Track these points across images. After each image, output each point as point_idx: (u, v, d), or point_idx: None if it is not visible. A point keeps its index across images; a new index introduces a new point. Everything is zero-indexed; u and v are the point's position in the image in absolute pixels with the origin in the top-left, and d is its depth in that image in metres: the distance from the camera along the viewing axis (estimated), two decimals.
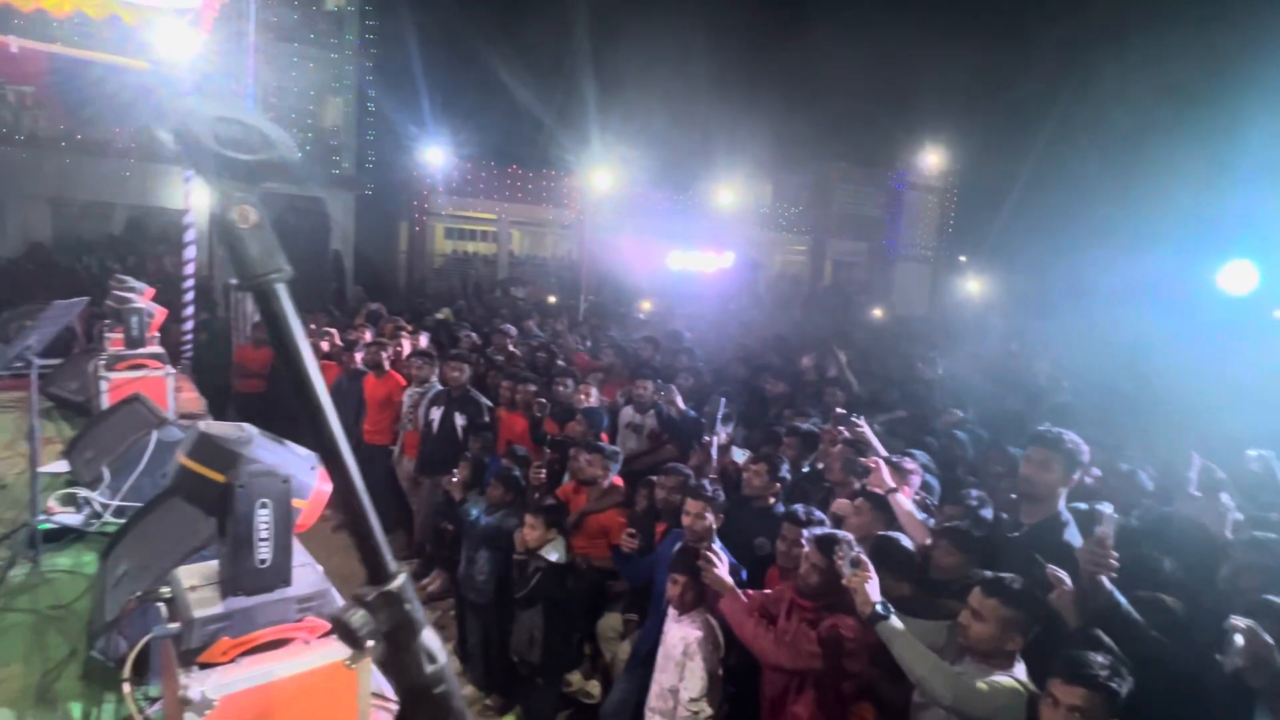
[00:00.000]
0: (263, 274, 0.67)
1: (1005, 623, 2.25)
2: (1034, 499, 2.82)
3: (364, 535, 0.71)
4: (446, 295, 16.30)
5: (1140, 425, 6.14)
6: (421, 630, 0.71)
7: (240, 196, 0.66)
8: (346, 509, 0.72)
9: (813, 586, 2.70)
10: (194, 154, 0.64)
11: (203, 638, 1.25)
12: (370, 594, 0.70)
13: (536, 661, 3.74)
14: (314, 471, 1.42)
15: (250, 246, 0.66)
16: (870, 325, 15.68)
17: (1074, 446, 2.75)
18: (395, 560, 0.72)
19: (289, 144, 0.70)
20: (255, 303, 0.69)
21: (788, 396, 5.93)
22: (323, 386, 0.70)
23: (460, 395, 5.42)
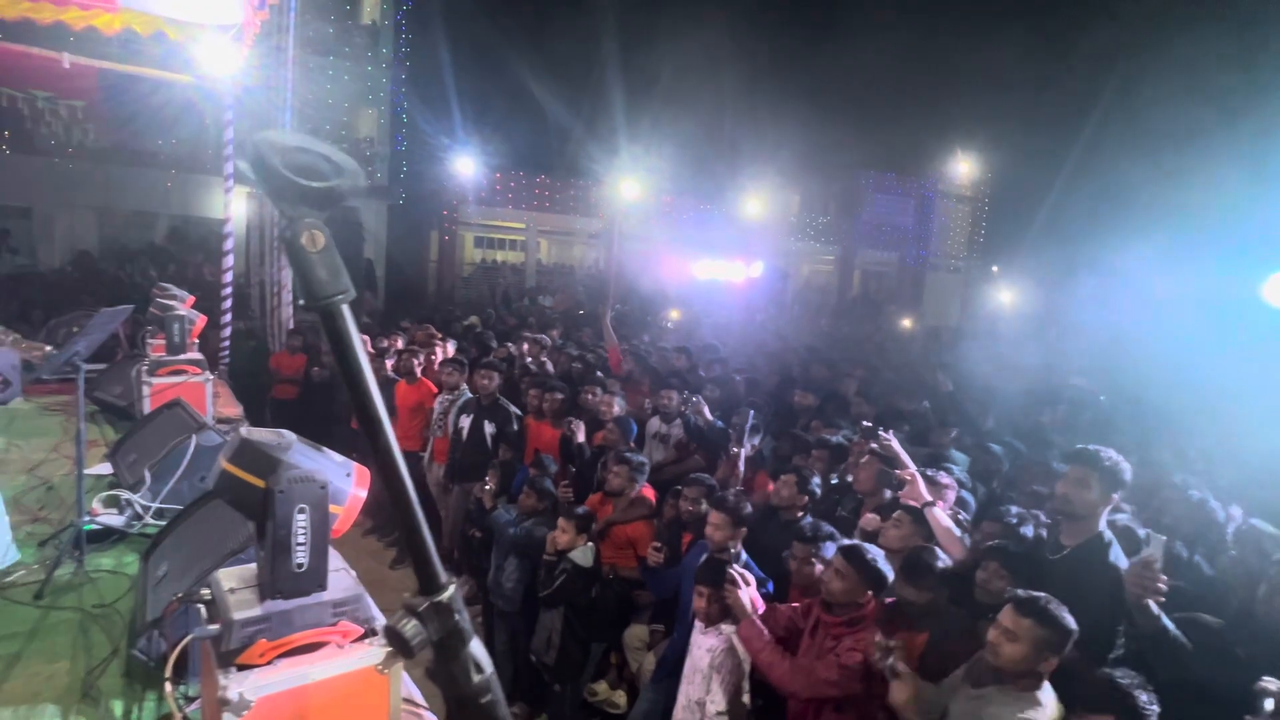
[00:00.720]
0: (329, 295, 0.70)
1: (1039, 643, 2.17)
2: (1073, 518, 2.74)
3: (417, 547, 0.73)
4: (475, 303, 16.49)
5: (1176, 441, 5.99)
6: (470, 640, 0.72)
7: (310, 221, 0.69)
8: (401, 522, 0.75)
9: (836, 595, 2.67)
10: (269, 181, 0.67)
11: (241, 639, 1.27)
12: (422, 604, 0.72)
13: (551, 664, 3.75)
14: (350, 478, 1.45)
15: (318, 269, 0.69)
16: (900, 336, 15.50)
17: (1113, 464, 2.65)
18: (446, 572, 0.73)
19: (357, 171, 0.72)
20: (321, 322, 0.71)
21: (816, 408, 5.89)
22: (381, 404, 0.72)
23: (490, 403, 5.47)
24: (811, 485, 3.65)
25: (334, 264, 0.70)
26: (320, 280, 0.69)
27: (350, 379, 0.72)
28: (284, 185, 0.67)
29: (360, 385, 0.72)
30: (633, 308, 16.52)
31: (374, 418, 0.72)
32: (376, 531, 6.45)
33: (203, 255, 15.09)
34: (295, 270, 0.69)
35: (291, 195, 0.67)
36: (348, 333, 0.71)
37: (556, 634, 3.73)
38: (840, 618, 2.66)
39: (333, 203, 0.70)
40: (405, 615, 0.70)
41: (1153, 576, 2.25)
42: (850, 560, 2.67)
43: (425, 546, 0.73)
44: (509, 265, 24.17)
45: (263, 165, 0.67)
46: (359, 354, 0.72)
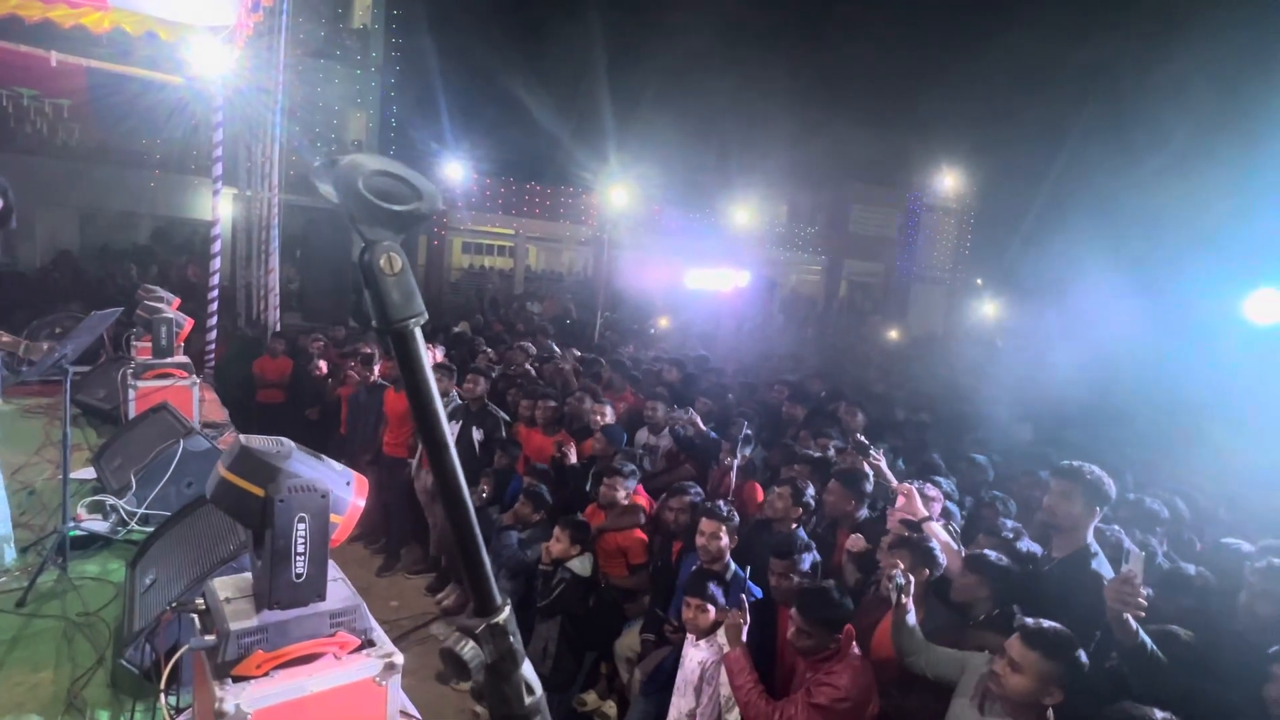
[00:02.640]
0: (403, 318, 0.70)
1: (1045, 676, 2.15)
2: (1059, 530, 2.79)
3: (474, 569, 0.73)
4: (463, 309, 16.42)
5: (1152, 455, 6.08)
6: (523, 662, 0.72)
7: (388, 245, 0.69)
8: (460, 544, 0.75)
9: (805, 652, 2.63)
10: (351, 204, 0.67)
11: (238, 650, 1.25)
12: (479, 626, 0.72)
13: (546, 674, 3.72)
14: (350, 487, 1.44)
15: (394, 292, 0.69)
16: (889, 348, 15.61)
17: (1096, 479, 2.72)
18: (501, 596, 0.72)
19: (435, 194, 0.73)
20: (392, 345, 0.71)
21: (804, 419, 5.90)
22: (447, 427, 0.72)
23: (478, 409, 5.44)
24: (806, 497, 3.65)
25: (409, 287, 0.70)
26: (395, 304, 0.69)
27: (419, 402, 0.72)
28: (366, 208, 0.68)
29: (429, 408, 0.72)
30: (621, 315, 16.53)
31: (440, 441, 0.72)
32: (363, 539, 6.38)
33: (187, 256, 14.93)
34: (371, 293, 0.69)
35: (372, 218, 0.67)
36: (419, 356, 0.71)
37: (553, 644, 3.70)
38: (814, 658, 2.63)
39: (411, 225, 0.70)
40: (462, 637, 0.69)
41: (1132, 591, 2.27)
42: (803, 614, 2.62)
43: (483, 569, 0.73)
44: (497, 271, 24.12)
45: (346, 188, 0.67)
46: (429, 377, 0.72)
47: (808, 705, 2.50)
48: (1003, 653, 2.26)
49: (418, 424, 0.72)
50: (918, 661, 2.56)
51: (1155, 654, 2.32)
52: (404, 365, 0.70)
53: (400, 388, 6.03)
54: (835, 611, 2.61)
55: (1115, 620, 2.31)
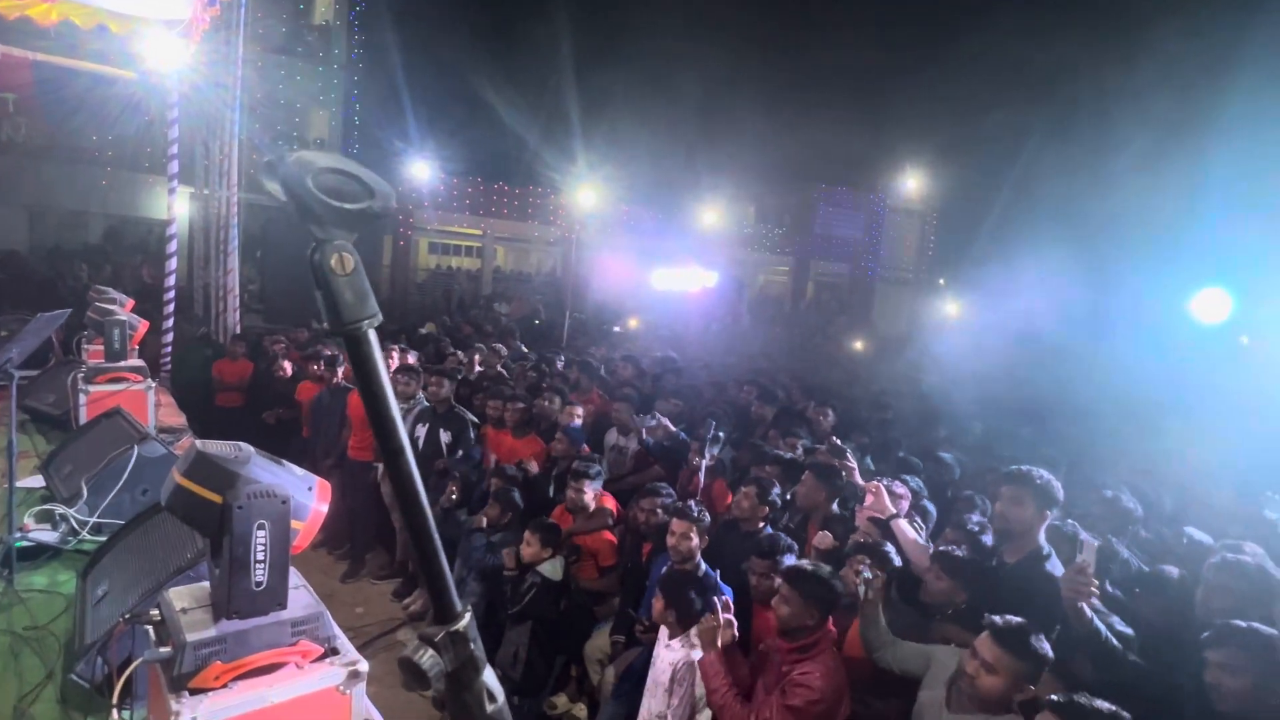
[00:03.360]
0: (356, 320, 0.68)
1: (1018, 675, 2.19)
2: (1011, 536, 2.86)
3: (434, 576, 0.72)
4: (430, 310, 16.23)
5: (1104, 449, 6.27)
6: (484, 669, 0.71)
7: (340, 244, 0.67)
8: (419, 550, 0.73)
9: (784, 620, 2.64)
10: (299, 202, 0.65)
11: (195, 662, 1.22)
12: (438, 634, 0.70)
13: (517, 678, 3.69)
14: (311, 492, 1.41)
15: (346, 293, 0.67)
16: (856, 349, 15.82)
17: (1045, 484, 2.80)
18: (461, 603, 0.71)
19: (389, 193, 0.71)
20: (345, 347, 0.69)
21: (773, 419, 5.94)
22: (404, 430, 0.71)
23: (445, 411, 5.38)
24: (772, 496, 3.68)
25: (362, 288, 0.68)
26: (348, 304, 0.67)
27: (374, 406, 0.70)
28: (315, 206, 0.65)
29: (384, 412, 0.70)
30: (590, 316, 16.49)
31: (395, 446, 0.70)
32: (326, 545, 6.26)
33: (141, 257, 14.48)
34: (322, 294, 0.67)
35: (322, 217, 0.65)
36: (373, 358, 0.69)
37: (523, 648, 3.67)
38: (793, 643, 2.63)
39: (364, 225, 0.68)
40: (421, 645, 0.68)
41: (1085, 581, 2.34)
42: (793, 583, 2.65)
43: (443, 575, 0.71)
44: (465, 272, 23.88)
45: (294, 185, 0.65)
46: (384, 380, 0.70)
47: (782, 707, 2.50)
48: (971, 650, 2.28)
49: (373, 428, 0.70)
50: (884, 656, 2.59)
51: (1109, 641, 2.39)
52: (358, 368, 0.69)
53: None
54: (823, 589, 2.62)
55: (1071, 609, 2.37)
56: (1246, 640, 2.20)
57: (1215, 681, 2.21)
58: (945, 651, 2.49)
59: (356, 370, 0.68)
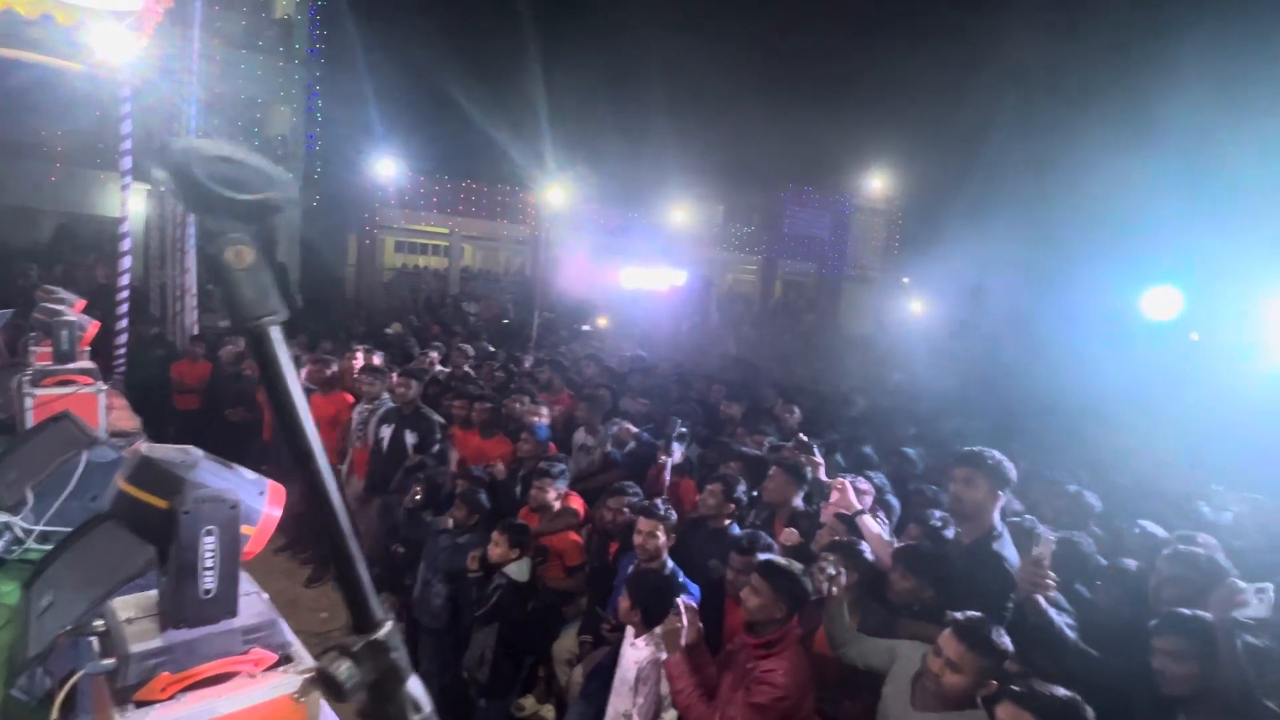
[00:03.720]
0: (257, 316, 0.65)
1: (982, 671, 2.22)
2: (965, 517, 2.90)
3: (352, 582, 0.69)
4: (396, 310, 16.01)
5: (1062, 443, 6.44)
6: (408, 678, 0.68)
7: (236, 237, 0.65)
8: (336, 556, 0.70)
9: (752, 612, 2.65)
10: (190, 193, 0.63)
11: (140, 674, 1.18)
12: (356, 643, 0.67)
13: (484, 680, 3.65)
14: (263, 496, 1.37)
15: (245, 288, 0.65)
16: (821, 344, 16.01)
17: (996, 464, 2.83)
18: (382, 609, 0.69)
19: (289, 183, 0.68)
20: (248, 345, 0.66)
21: (742, 417, 5.98)
22: (314, 431, 0.68)
23: (411, 412, 5.31)
24: (737, 493, 3.70)
25: (262, 282, 0.65)
26: (247, 300, 0.65)
27: (281, 407, 0.67)
28: (207, 197, 0.63)
29: (291, 412, 0.67)
30: (560, 315, 16.42)
31: (306, 450, 0.68)
32: (289, 549, 6.14)
33: (95, 255, 14.01)
34: (220, 289, 0.65)
35: (216, 208, 0.63)
36: (277, 356, 0.66)
37: (490, 650, 3.63)
38: (760, 639, 2.64)
39: (262, 216, 0.66)
40: (338, 656, 0.65)
41: (1041, 573, 2.39)
42: (765, 576, 2.66)
43: (361, 582, 0.69)
44: (432, 271, 23.60)
45: (183, 175, 0.62)
46: (290, 379, 0.67)
47: (746, 705, 2.51)
48: (935, 648, 2.31)
49: (280, 430, 0.68)
50: (849, 652, 2.62)
51: (1063, 632, 2.45)
52: (261, 366, 0.66)
53: (328, 391, 5.84)
54: (793, 584, 2.63)
55: (1027, 602, 2.43)
56: (1190, 628, 2.27)
57: (1161, 668, 2.28)
58: (909, 646, 2.52)
59: (262, 369, 0.66)
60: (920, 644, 2.48)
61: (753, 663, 2.61)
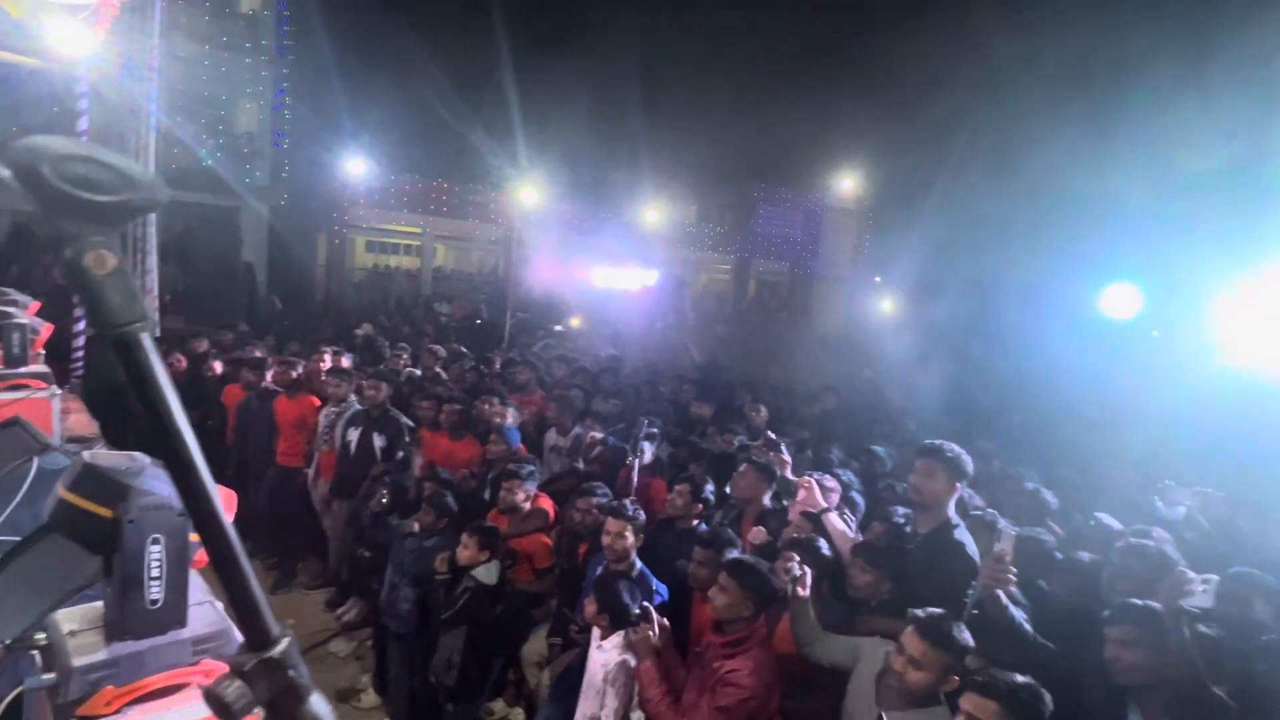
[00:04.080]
0: (124, 324, 0.62)
1: (944, 667, 2.25)
2: (924, 508, 2.97)
3: (242, 598, 0.66)
4: (368, 310, 15.81)
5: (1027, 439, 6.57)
6: (308, 697, 0.66)
7: (97, 240, 0.61)
8: (222, 571, 0.67)
9: (720, 611, 2.66)
10: (38, 194, 0.59)
11: (83, 688, 1.15)
12: (249, 662, 0.64)
13: (451, 684, 3.63)
14: None
15: (109, 294, 0.61)
16: (794, 343, 16.15)
17: (955, 456, 2.91)
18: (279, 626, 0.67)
19: (154, 183, 0.65)
20: (115, 355, 0.62)
21: (711, 417, 6.01)
22: (194, 442, 0.65)
23: (379, 415, 5.25)
24: (705, 493, 3.72)
25: (128, 288, 0.62)
26: (112, 306, 0.61)
27: (156, 418, 0.63)
28: (57, 199, 0.59)
29: (168, 425, 0.64)
30: (533, 315, 16.35)
31: (185, 461, 0.64)
32: (255, 554, 6.03)
33: (52, 256, 13.61)
34: (82, 297, 0.61)
35: (69, 210, 0.60)
36: (150, 367, 0.63)
37: (458, 654, 3.59)
38: (727, 637, 2.65)
39: (125, 219, 0.63)
40: (228, 677, 0.64)
41: (1003, 569, 2.44)
42: (733, 575, 2.67)
43: (251, 597, 0.66)
44: (403, 271, 23.36)
45: (29, 175, 0.58)
46: (164, 391, 0.64)
47: (713, 710, 2.53)
48: (897, 646, 2.33)
49: (156, 442, 0.65)
50: (814, 651, 2.64)
51: (1021, 626, 2.50)
52: (132, 377, 0.63)
53: (293, 394, 5.75)
54: (762, 582, 2.65)
55: (988, 597, 2.47)
56: (1141, 617, 2.33)
57: (1114, 657, 2.34)
58: (871, 644, 2.55)
59: (131, 380, 0.63)
60: (882, 641, 2.52)
61: (718, 663, 2.62)
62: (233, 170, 15.45)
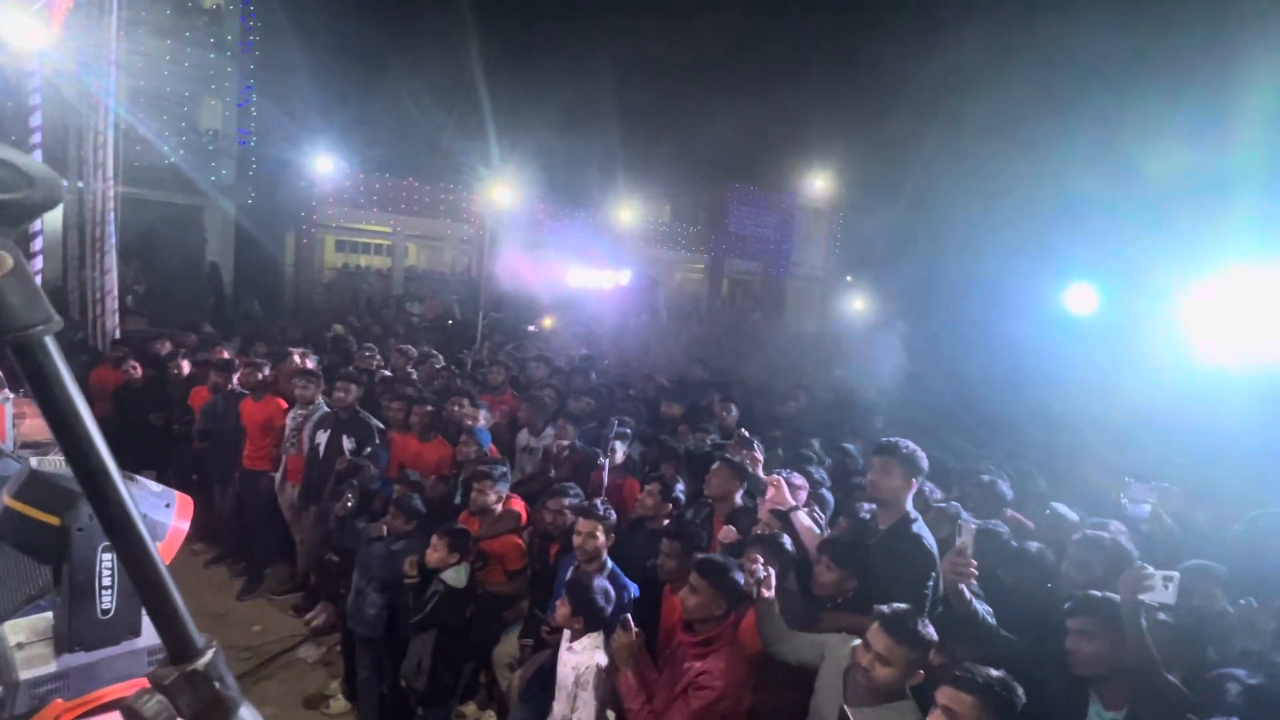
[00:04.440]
0: (24, 326, 0.59)
1: (911, 663, 2.28)
2: (882, 504, 3.02)
3: (161, 609, 0.64)
4: (338, 311, 15.58)
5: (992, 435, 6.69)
6: (236, 710, 0.64)
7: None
8: (139, 580, 0.64)
9: (691, 611, 2.68)
10: None
11: (30, 702, 1.12)
12: (170, 676, 0.62)
13: (421, 689, 3.59)
14: (170, 509, 1.32)
15: (9, 296, 0.58)
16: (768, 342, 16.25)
17: (910, 453, 2.96)
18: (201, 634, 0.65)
19: (54, 181, 0.62)
20: (15, 359, 0.59)
21: (682, 416, 6.02)
22: (106, 449, 0.63)
23: (349, 417, 5.17)
24: (676, 493, 3.72)
25: (29, 289, 0.59)
26: (12, 307, 0.58)
27: (62, 424, 0.61)
28: None
29: (75, 429, 0.61)
30: (506, 315, 16.24)
31: (97, 469, 0.62)
32: (223, 560, 5.91)
33: None
34: None
35: None
36: (54, 370, 0.60)
37: (427, 658, 3.56)
38: (697, 636, 2.67)
39: (22, 219, 0.60)
40: (147, 692, 0.62)
41: (965, 563, 2.48)
42: (704, 575, 2.68)
43: (171, 606, 0.64)
44: (374, 271, 23.07)
45: None
46: (71, 396, 0.61)
47: (688, 714, 2.54)
48: (864, 642, 2.34)
49: (64, 450, 0.62)
50: (782, 650, 2.66)
51: (985, 619, 2.54)
52: (33, 383, 0.60)
53: (260, 396, 5.64)
54: (730, 581, 2.67)
55: (951, 590, 2.51)
56: (1099, 608, 2.39)
57: (1074, 648, 2.39)
58: (837, 640, 2.57)
59: (34, 385, 0.60)
60: (848, 637, 2.54)
61: (689, 663, 2.63)
62: (197, 168, 15.14)
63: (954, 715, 2.02)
